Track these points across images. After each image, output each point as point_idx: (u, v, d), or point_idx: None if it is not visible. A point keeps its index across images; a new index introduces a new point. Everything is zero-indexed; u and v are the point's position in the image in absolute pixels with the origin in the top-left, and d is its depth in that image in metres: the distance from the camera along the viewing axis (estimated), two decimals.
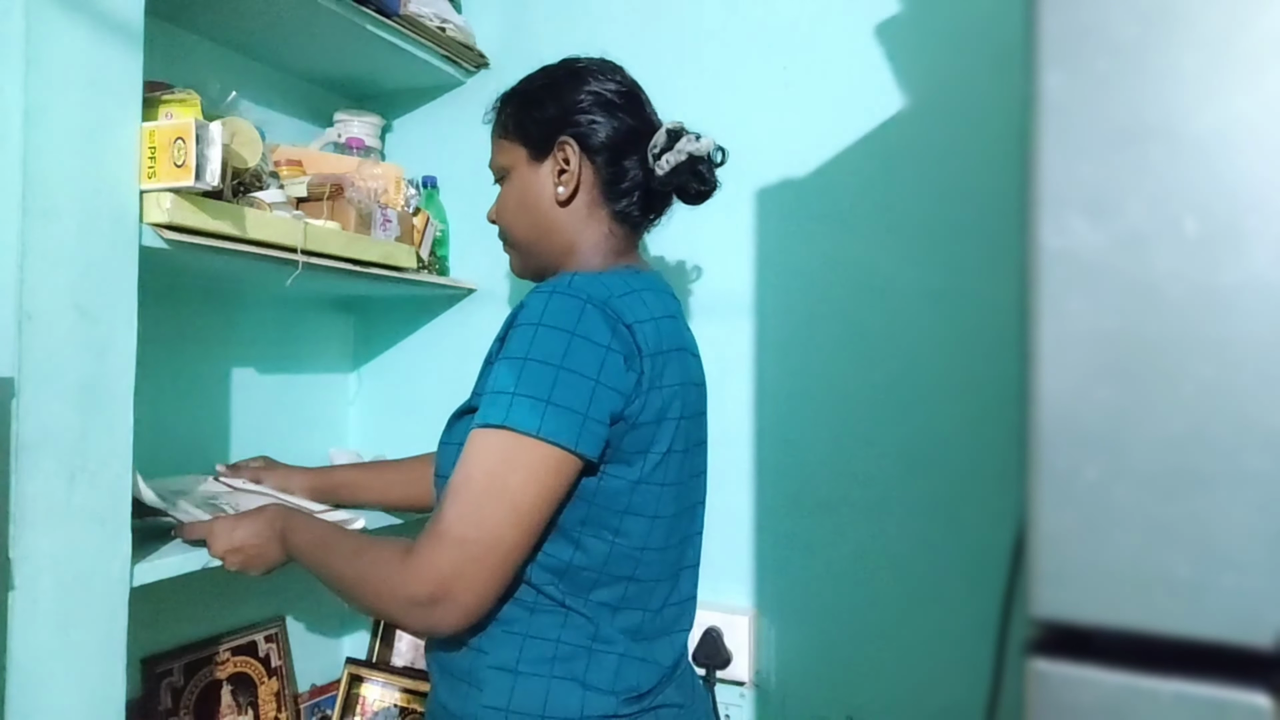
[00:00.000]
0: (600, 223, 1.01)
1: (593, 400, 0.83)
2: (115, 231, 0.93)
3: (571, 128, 0.99)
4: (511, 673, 0.87)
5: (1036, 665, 0.55)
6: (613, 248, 1.01)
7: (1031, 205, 0.56)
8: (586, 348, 0.83)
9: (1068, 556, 0.54)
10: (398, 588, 0.83)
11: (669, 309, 0.95)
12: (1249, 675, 0.51)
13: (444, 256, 1.58)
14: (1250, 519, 0.51)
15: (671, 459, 0.92)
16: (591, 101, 0.99)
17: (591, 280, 0.88)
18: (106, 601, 0.93)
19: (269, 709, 1.41)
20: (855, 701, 1.32)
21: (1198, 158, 0.52)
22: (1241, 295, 0.51)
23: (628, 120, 1.00)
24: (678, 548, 0.98)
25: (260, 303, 1.48)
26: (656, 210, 1.05)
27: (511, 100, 1.05)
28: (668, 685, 0.95)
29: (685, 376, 0.95)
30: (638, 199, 1.01)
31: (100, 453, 0.92)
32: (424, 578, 0.82)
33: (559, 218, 1.00)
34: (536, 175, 1.01)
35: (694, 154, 0.97)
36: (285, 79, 1.52)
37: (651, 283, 0.96)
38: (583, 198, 1.00)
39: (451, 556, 0.81)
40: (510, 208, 1.04)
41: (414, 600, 0.82)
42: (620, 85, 1.02)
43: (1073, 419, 0.54)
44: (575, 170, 0.99)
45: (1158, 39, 0.53)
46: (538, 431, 0.81)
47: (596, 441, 0.84)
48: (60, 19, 0.87)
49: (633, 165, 1.00)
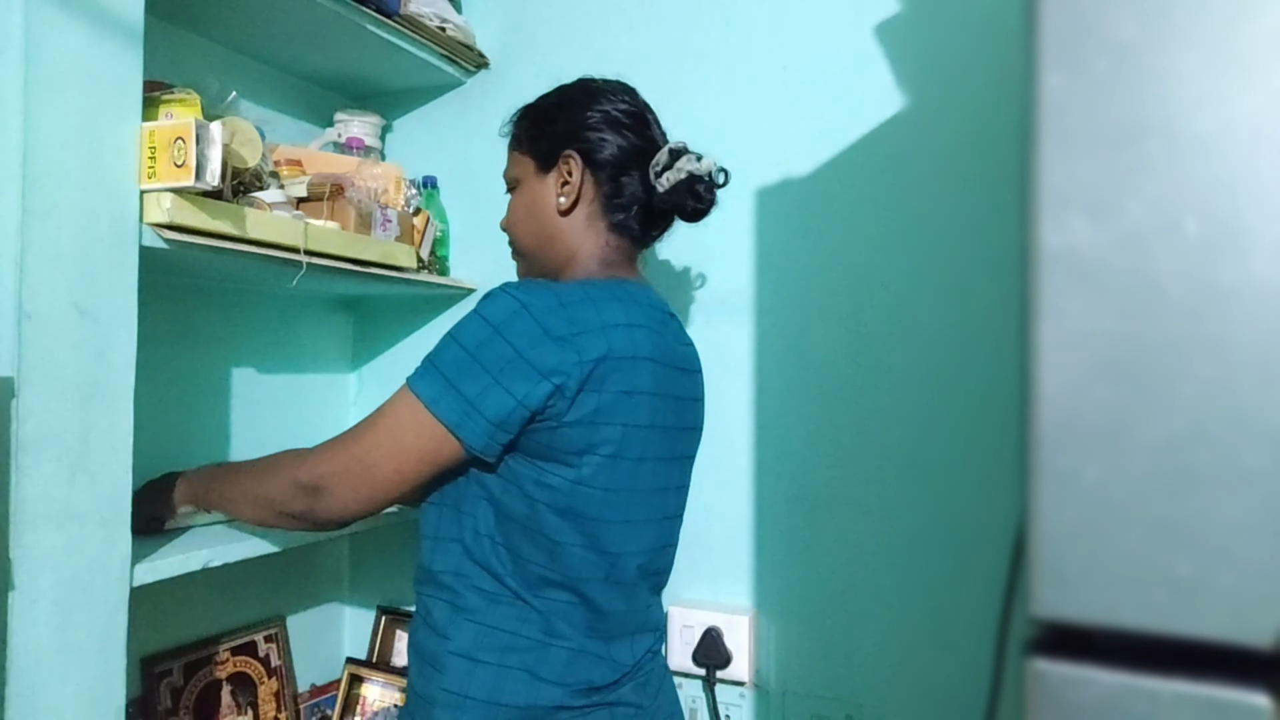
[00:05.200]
0: (598, 234, 1.05)
1: (484, 396, 0.89)
2: (115, 231, 0.93)
3: (577, 143, 1.03)
4: (470, 659, 0.93)
5: (1036, 665, 0.55)
6: (609, 259, 1.05)
7: (1032, 205, 0.56)
8: (501, 348, 0.89)
9: (1068, 556, 0.54)
10: (291, 474, 0.95)
11: (644, 318, 0.97)
12: (1249, 675, 0.51)
13: (444, 256, 1.58)
14: (1250, 518, 0.51)
15: (621, 465, 0.94)
16: (599, 119, 1.04)
17: (547, 288, 0.93)
18: (106, 601, 0.93)
19: (269, 709, 1.41)
20: (855, 701, 1.32)
21: (1198, 157, 0.52)
22: (1242, 295, 0.51)
23: (633, 139, 1.04)
24: (639, 556, 0.99)
25: (260, 302, 1.48)
26: (657, 227, 1.09)
27: (526, 115, 1.10)
28: (626, 684, 0.98)
29: (653, 386, 0.96)
30: (636, 213, 1.05)
31: (100, 452, 0.92)
32: (315, 469, 0.94)
33: (560, 227, 1.05)
34: (543, 186, 1.06)
35: (693, 173, 1.01)
36: (285, 79, 1.52)
37: (633, 294, 0.99)
38: (583, 210, 1.04)
39: (341, 460, 0.93)
40: (519, 216, 1.09)
41: (299, 484, 0.94)
42: (629, 106, 1.06)
43: (1073, 418, 0.54)
44: (577, 183, 1.03)
45: (1158, 39, 0.53)
46: (431, 405, 0.90)
47: (479, 435, 0.90)
48: (60, 18, 0.87)
49: (633, 182, 1.04)
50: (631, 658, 0.99)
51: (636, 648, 1.01)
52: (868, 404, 1.33)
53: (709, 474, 1.38)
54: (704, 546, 1.41)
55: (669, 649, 1.38)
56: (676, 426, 1.02)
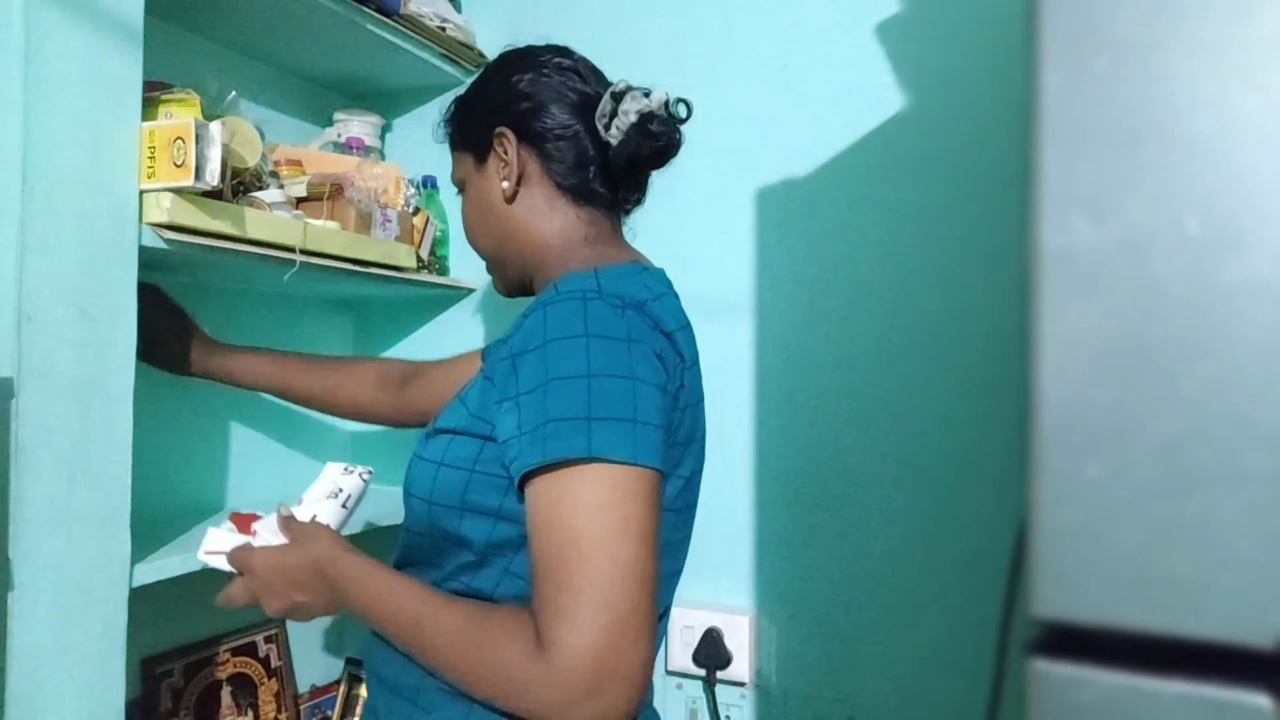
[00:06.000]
0: (564, 213, 0.92)
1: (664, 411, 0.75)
2: (114, 231, 0.93)
3: (505, 116, 0.93)
4: (466, 699, 0.77)
5: (1038, 665, 0.55)
6: (590, 236, 0.92)
7: (1032, 205, 0.56)
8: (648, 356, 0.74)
9: (1069, 556, 0.54)
10: (542, 690, 0.68)
11: (685, 316, 0.89)
12: (1250, 675, 0.51)
13: (444, 256, 1.58)
14: (1252, 518, 0.51)
15: (694, 480, 0.86)
16: (527, 84, 0.93)
17: (619, 280, 0.79)
18: (106, 602, 0.93)
19: (269, 710, 1.41)
20: (856, 702, 1.32)
21: (1199, 157, 0.52)
22: (1243, 295, 0.51)
23: (568, 95, 0.92)
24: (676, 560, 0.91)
25: (260, 302, 1.47)
26: (627, 186, 0.96)
27: (454, 107, 1.02)
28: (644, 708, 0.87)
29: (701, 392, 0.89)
30: (595, 174, 0.92)
31: (100, 453, 0.92)
32: (574, 667, 0.67)
33: (515, 217, 0.93)
34: (485, 178, 0.95)
35: (643, 111, 0.88)
36: (285, 78, 1.52)
37: (665, 285, 0.88)
38: (534, 190, 0.93)
39: (597, 626, 0.67)
40: (472, 221, 0.99)
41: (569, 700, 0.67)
42: (560, 60, 0.95)
43: (1074, 418, 0.54)
44: (514, 159, 0.92)
45: (1159, 38, 0.53)
46: (633, 458, 0.70)
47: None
48: (60, 18, 0.87)
49: (581, 141, 0.91)
50: None
51: None
52: (868, 404, 1.32)
53: (709, 474, 1.38)
54: (704, 546, 1.40)
55: (669, 650, 1.38)
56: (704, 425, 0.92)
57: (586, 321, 0.73)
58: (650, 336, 0.76)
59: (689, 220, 1.44)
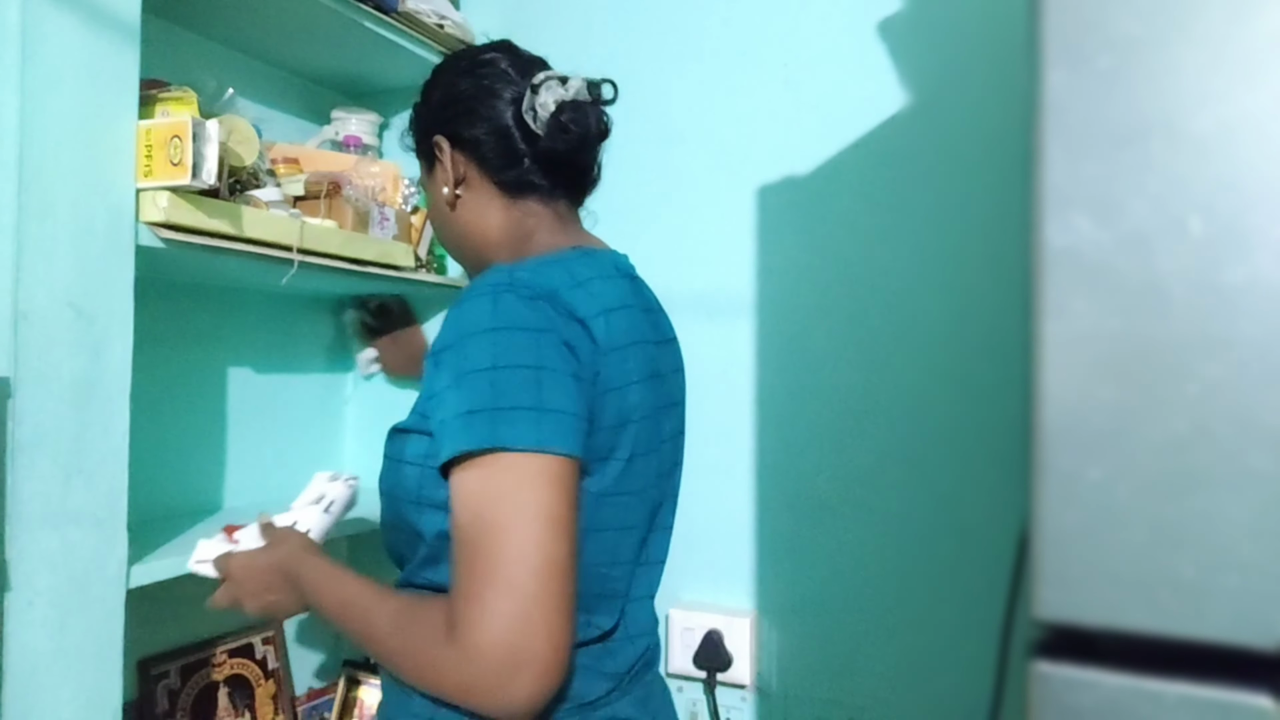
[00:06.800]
0: (503, 208, 0.93)
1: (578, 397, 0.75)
2: (111, 230, 0.93)
3: (440, 125, 0.95)
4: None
5: (1040, 667, 0.55)
6: (537, 227, 0.93)
7: (1035, 204, 0.55)
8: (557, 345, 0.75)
9: (1071, 558, 0.54)
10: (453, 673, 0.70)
11: (623, 298, 0.86)
12: (1253, 677, 0.51)
13: (442, 255, 1.58)
14: (1254, 519, 0.50)
15: (635, 464, 0.83)
16: (453, 90, 0.94)
17: (537, 270, 0.80)
18: (103, 603, 0.92)
19: (266, 712, 1.41)
20: (857, 704, 1.31)
21: (1202, 156, 0.52)
22: (1246, 294, 0.51)
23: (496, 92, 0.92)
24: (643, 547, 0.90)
25: (257, 301, 1.47)
26: (567, 173, 0.95)
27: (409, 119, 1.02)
28: (621, 698, 0.86)
29: (646, 370, 0.86)
30: (530, 166, 0.92)
31: (96, 453, 0.91)
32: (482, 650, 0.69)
33: (462, 219, 0.95)
34: (434, 185, 0.97)
35: (560, 100, 0.88)
36: (282, 76, 1.52)
37: (601, 268, 0.87)
38: (478, 190, 0.94)
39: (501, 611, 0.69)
40: (434, 225, 1.01)
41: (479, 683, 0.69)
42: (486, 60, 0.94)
43: (1076, 419, 0.54)
44: (449, 165, 0.94)
45: (1161, 36, 0.53)
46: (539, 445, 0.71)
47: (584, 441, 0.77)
48: (57, 16, 0.86)
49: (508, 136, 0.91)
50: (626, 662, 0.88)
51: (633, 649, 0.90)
52: (869, 405, 1.32)
53: (709, 475, 1.38)
54: (705, 548, 1.40)
55: (670, 652, 1.37)
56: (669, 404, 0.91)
57: (495, 315, 0.75)
58: (561, 324, 0.77)
59: (689, 220, 1.43)
